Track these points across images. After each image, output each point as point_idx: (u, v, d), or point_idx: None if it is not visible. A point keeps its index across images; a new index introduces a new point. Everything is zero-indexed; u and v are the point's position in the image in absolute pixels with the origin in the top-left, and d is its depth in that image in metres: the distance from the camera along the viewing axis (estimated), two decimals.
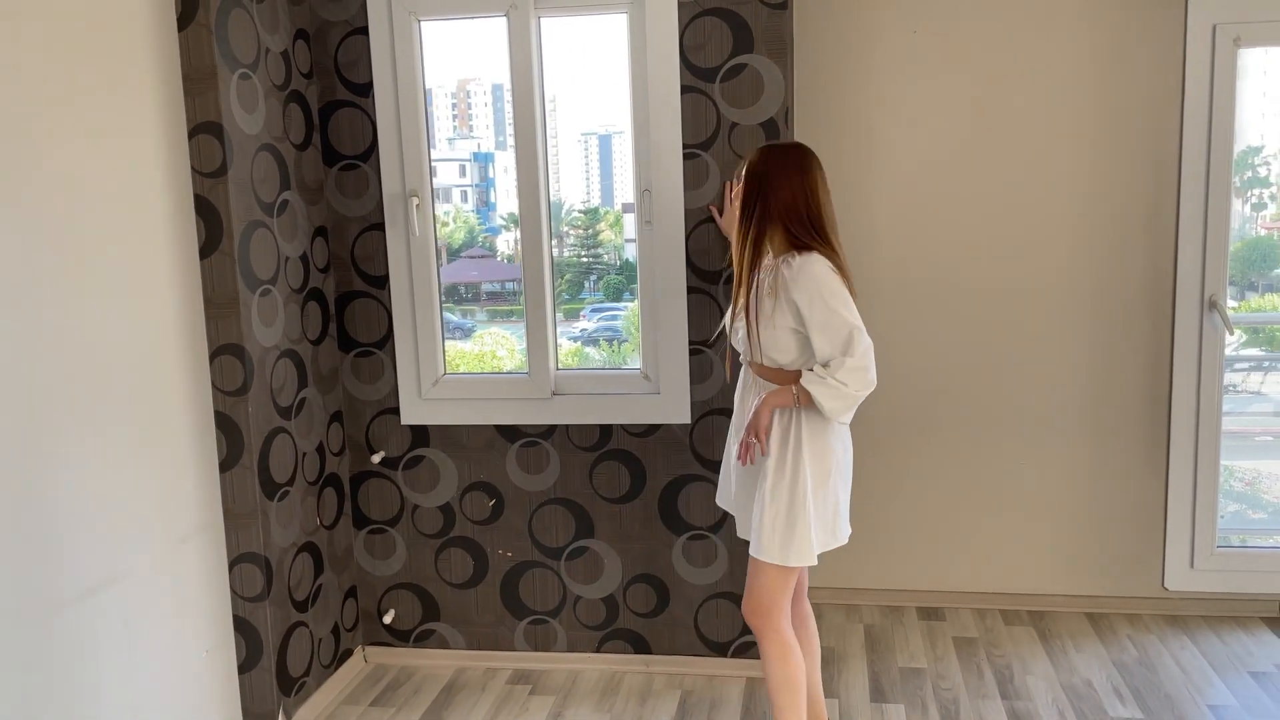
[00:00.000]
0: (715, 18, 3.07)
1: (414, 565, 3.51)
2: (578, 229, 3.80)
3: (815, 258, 2.43)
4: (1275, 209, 8.06)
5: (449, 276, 3.70)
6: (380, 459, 3.44)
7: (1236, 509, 5.50)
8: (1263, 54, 3.60)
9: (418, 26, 3.23)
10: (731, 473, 2.73)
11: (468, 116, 3.97)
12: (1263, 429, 7.00)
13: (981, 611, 3.82)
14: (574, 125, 3.67)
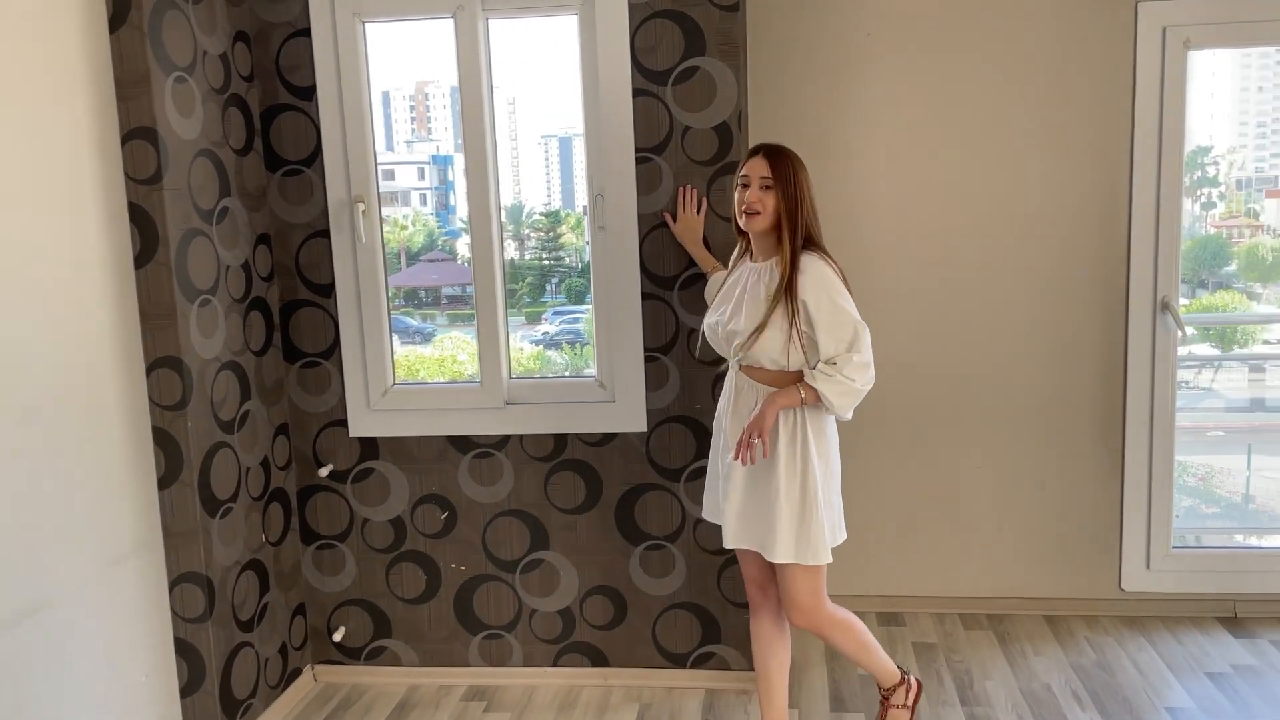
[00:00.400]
0: (667, 19, 3.02)
1: (364, 581, 3.42)
2: (539, 231, 3.77)
3: (818, 257, 2.49)
4: (1224, 208, 8.16)
5: (408, 280, 3.63)
6: (328, 472, 3.35)
7: (1190, 504, 5.54)
8: (1211, 56, 3.63)
9: (362, 28, 3.14)
10: (722, 483, 2.66)
11: (426, 119, 3.92)
12: (1215, 424, 7.08)
13: (941, 616, 3.80)
14: (534, 127, 3.66)
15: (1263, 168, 8.85)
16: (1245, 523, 6.98)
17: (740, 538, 2.64)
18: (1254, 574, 3.64)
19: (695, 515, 3.24)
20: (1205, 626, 3.62)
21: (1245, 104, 8.62)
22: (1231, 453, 7.16)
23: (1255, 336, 7.49)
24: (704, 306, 3.12)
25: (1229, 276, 7.84)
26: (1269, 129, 8.94)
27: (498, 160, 3.21)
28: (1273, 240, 7.90)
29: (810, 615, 2.63)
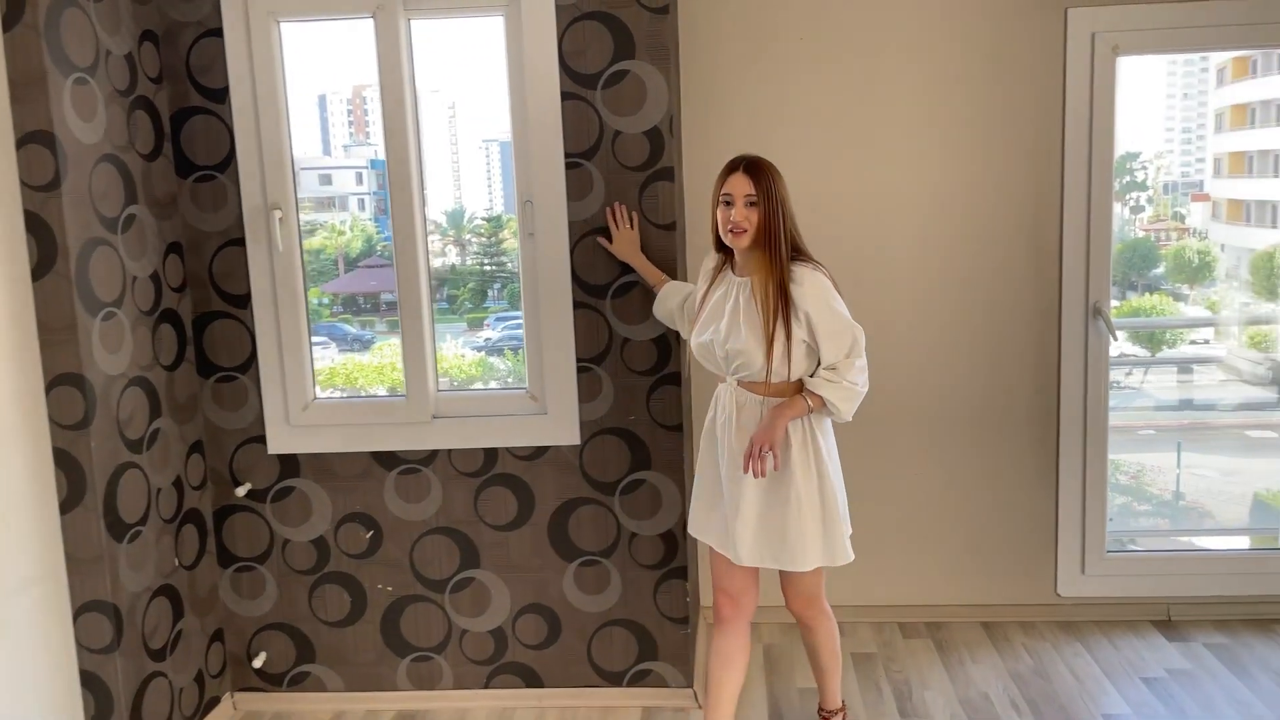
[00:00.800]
0: (595, 22, 2.94)
1: (286, 604, 3.28)
2: (480, 237, 3.70)
3: (810, 267, 2.51)
4: (1152, 212, 8.30)
5: (346, 287, 3.52)
6: (246, 491, 3.20)
7: (1123, 501, 5.60)
8: (1139, 62, 3.65)
9: (277, 28, 3.01)
10: (729, 501, 2.60)
11: (364, 123, 3.85)
12: (1145, 423, 7.20)
13: (879, 625, 3.77)
14: (475, 131, 3.60)
15: (1189, 172, 9.02)
16: (1177, 520, 7.10)
17: (757, 555, 2.58)
18: (1186, 576, 3.67)
19: (631, 529, 3.16)
20: (1140, 630, 3.63)
21: (1171, 110, 8.79)
22: (1162, 451, 7.30)
23: (1183, 337, 7.64)
24: (638, 315, 3.04)
25: (1157, 279, 7.98)
26: (1194, 135, 9.12)
27: (422, 165, 3.10)
28: (1199, 243, 8.05)
29: (817, 603, 2.75)
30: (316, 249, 3.72)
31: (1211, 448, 7.29)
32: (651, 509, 3.15)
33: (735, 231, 2.50)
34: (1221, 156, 8.66)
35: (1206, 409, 7.49)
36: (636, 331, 3.07)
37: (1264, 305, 7.27)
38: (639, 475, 3.13)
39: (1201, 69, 9.38)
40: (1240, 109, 7.65)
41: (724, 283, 2.63)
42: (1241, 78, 7.89)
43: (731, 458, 2.59)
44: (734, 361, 2.55)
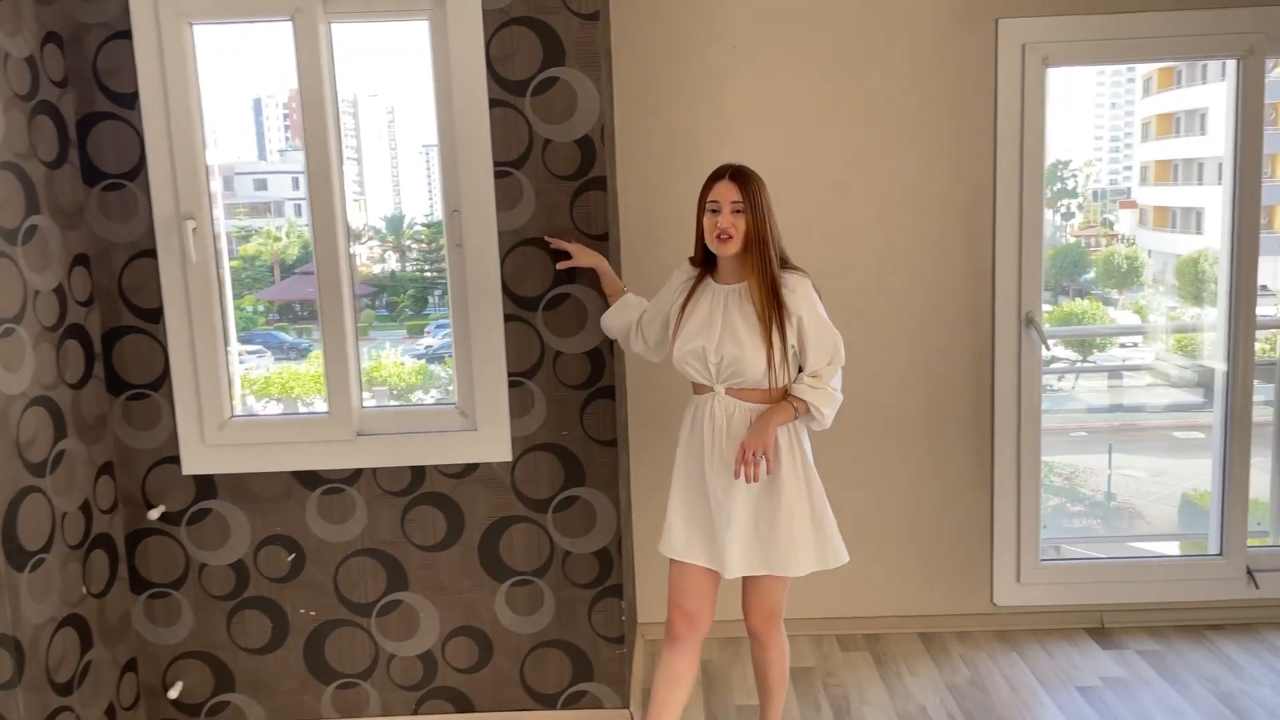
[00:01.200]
0: (523, 27, 2.86)
1: (203, 631, 3.13)
2: (420, 243, 3.64)
3: (799, 275, 2.57)
4: (1082, 218, 8.44)
5: (282, 294, 3.41)
6: (160, 514, 3.06)
7: (1057, 503, 5.65)
8: (1069, 73, 3.67)
9: (190, 30, 2.88)
10: (716, 514, 2.57)
11: (301, 127, 3.78)
12: (1077, 425, 7.32)
13: (818, 638, 3.73)
14: (415, 137, 3.54)
15: (1117, 180, 9.21)
16: (1109, 520, 7.21)
17: (746, 564, 2.57)
18: (1119, 584, 3.69)
19: (565, 548, 3.07)
20: (1074, 638, 3.65)
21: (1100, 119, 8.96)
22: (1094, 452, 7.43)
23: (1112, 341, 7.79)
24: (571, 328, 2.97)
25: (1087, 284, 8.10)
26: (1121, 143, 9.32)
27: (343, 171, 2.99)
28: (1127, 249, 8.20)
29: (776, 619, 2.74)
30: (252, 255, 3.63)
31: (1141, 449, 7.46)
32: (586, 526, 3.07)
33: (722, 238, 2.51)
34: (1148, 165, 8.85)
35: (1135, 411, 7.65)
36: (569, 344, 3.00)
37: (1189, 309, 7.43)
38: (573, 492, 3.05)
39: (1129, 79, 9.59)
40: (1166, 118, 7.82)
41: (708, 291, 2.62)
42: (1167, 88, 8.06)
43: (724, 468, 2.56)
44: (728, 369, 2.53)
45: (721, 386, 2.58)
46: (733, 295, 2.57)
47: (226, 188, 3.79)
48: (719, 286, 2.61)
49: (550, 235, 2.92)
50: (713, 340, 2.55)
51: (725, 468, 2.55)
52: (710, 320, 2.58)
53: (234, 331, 3.70)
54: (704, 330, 2.57)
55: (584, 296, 2.97)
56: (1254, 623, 3.67)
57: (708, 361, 2.56)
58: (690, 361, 2.60)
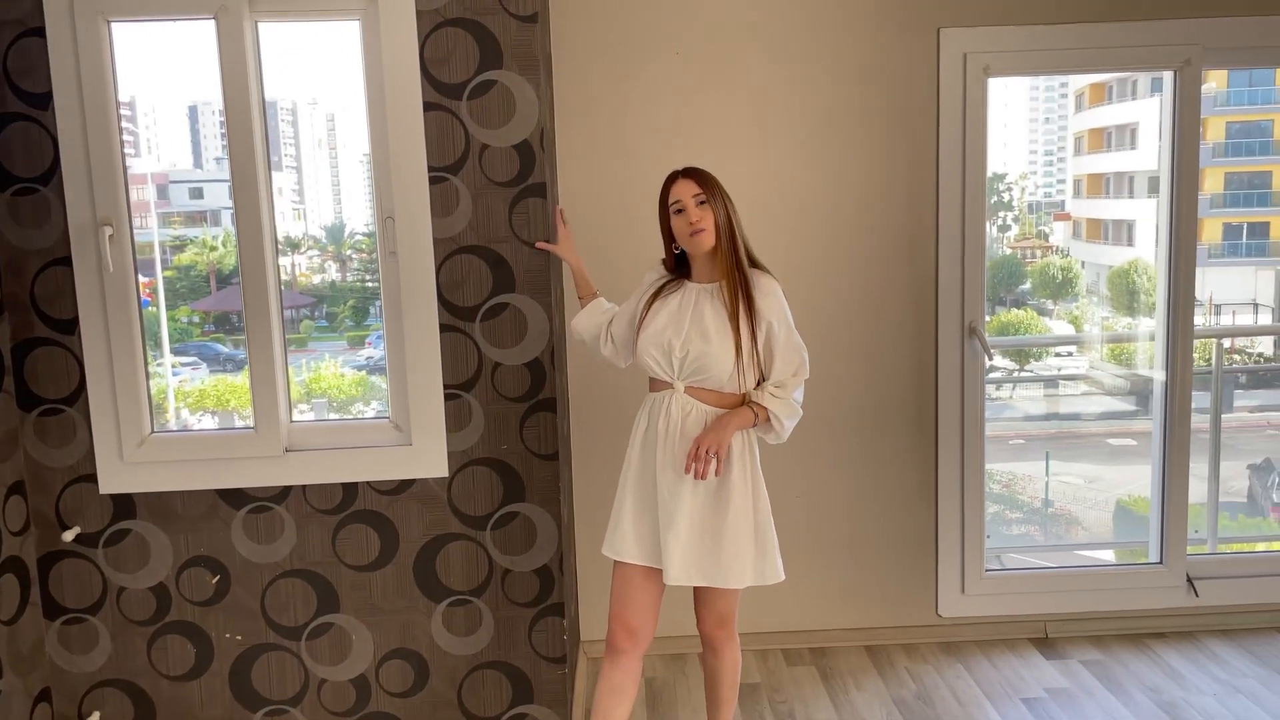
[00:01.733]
0: (459, 29, 2.78)
1: (122, 658, 2.98)
2: (361, 253, 3.57)
3: (770, 277, 2.54)
4: (1018, 230, 8.56)
5: (218, 305, 3.31)
6: (75, 536, 2.90)
7: (996, 510, 5.68)
8: (1004, 87, 3.68)
9: (108, 28, 2.75)
10: (662, 515, 2.50)
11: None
12: (1015, 433, 7.41)
13: (764, 652, 3.68)
14: (355, 145, 3.50)
15: (1051, 193, 9.37)
16: (1046, 527, 7.29)
17: (687, 573, 2.51)
18: (1062, 593, 3.69)
19: (504, 566, 2.98)
20: (1019, 649, 3.64)
21: (1035, 133, 9.10)
22: (1031, 459, 7.53)
23: (1048, 350, 7.89)
24: (510, 338, 2.88)
25: (1023, 294, 8.21)
26: (1055, 157, 9.48)
27: (271, 178, 2.87)
28: (1061, 260, 8.33)
29: (729, 625, 2.69)
30: (187, 265, 3.52)
31: (1077, 456, 7.58)
32: (526, 543, 2.98)
33: (695, 232, 2.49)
34: (1081, 178, 9.03)
35: (1071, 419, 7.77)
36: (508, 355, 2.91)
37: (1122, 319, 7.55)
38: (512, 508, 2.96)
39: (1061, 94, 9.78)
40: (1097, 133, 7.98)
41: (680, 290, 2.59)
42: (1098, 103, 8.22)
43: (673, 466, 2.50)
44: (692, 365, 2.49)
45: (682, 384, 2.54)
46: (705, 293, 2.55)
47: (161, 196, 3.68)
48: (693, 285, 2.59)
49: (541, 243, 2.86)
50: (680, 334, 2.51)
51: (675, 466, 2.50)
52: (680, 315, 2.54)
53: (167, 343, 3.57)
54: (672, 324, 2.54)
55: (523, 306, 2.89)
56: (1194, 630, 3.69)
57: (672, 356, 2.52)
58: (653, 354, 2.55)
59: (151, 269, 3.58)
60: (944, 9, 3.42)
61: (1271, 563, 3.76)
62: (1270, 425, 7.98)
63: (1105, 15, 3.41)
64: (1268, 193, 9.54)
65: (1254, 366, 7.69)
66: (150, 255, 4.60)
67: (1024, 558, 4.56)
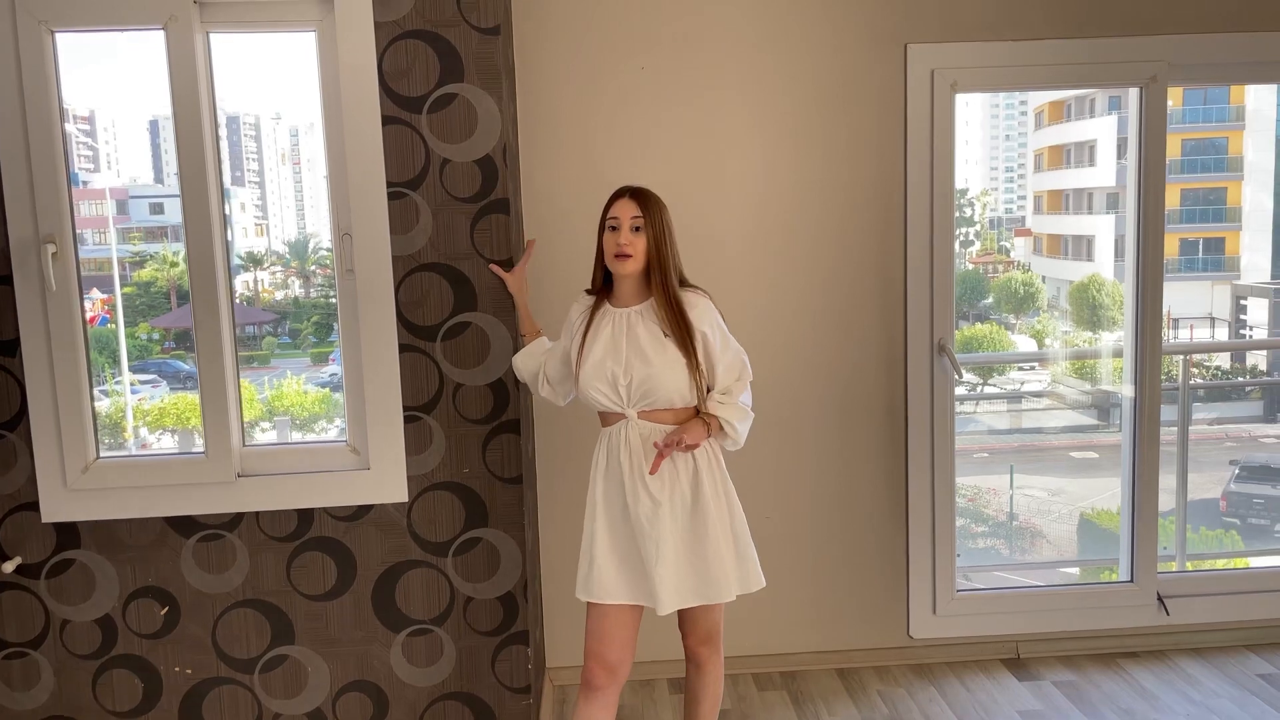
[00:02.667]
0: (419, 41, 2.70)
1: (66, 694, 2.85)
2: (325, 268, 3.52)
3: (698, 293, 2.53)
4: (980, 245, 8.57)
5: (179, 321, 3.23)
6: (15, 567, 2.77)
7: (961, 523, 5.67)
8: (965, 102, 3.66)
9: (51, 39, 2.65)
10: (646, 546, 2.44)
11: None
12: (980, 446, 7.42)
13: (734, 677, 3.60)
14: (320, 159, 3.36)
15: (1012, 209, 9.41)
16: (1012, 540, 7.28)
17: (680, 597, 2.47)
18: (1033, 613, 3.65)
19: (466, 593, 2.89)
20: (991, 670, 3.59)
21: (995, 150, 9.14)
22: (995, 473, 7.54)
23: (1010, 364, 7.92)
24: (472, 358, 2.80)
25: (987, 309, 8.23)
26: (1015, 174, 9.53)
27: (223, 195, 2.77)
28: (1023, 275, 8.37)
29: (714, 640, 2.65)
30: (147, 281, 3.43)
31: (1040, 469, 7.61)
32: (489, 570, 2.89)
33: (621, 256, 2.46)
34: (1041, 194, 9.08)
35: (1034, 432, 7.79)
36: (470, 376, 2.82)
37: (1083, 333, 7.59)
38: (474, 533, 2.87)
39: (1021, 112, 9.83)
40: (1057, 150, 8.04)
41: (607, 317, 2.53)
42: (1057, 121, 8.29)
43: (647, 493, 2.44)
44: (639, 389, 2.45)
45: (634, 410, 2.48)
46: (634, 316, 2.50)
47: (121, 211, 3.58)
48: (618, 310, 2.53)
49: (494, 265, 2.79)
50: (620, 363, 2.46)
51: (649, 496, 2.44)
52: (615, 344, 2.48)
53: (125, 360, 3.46)
54: (610, 354, 2.48)
55: (485, 325, 2.81)
56: (1166, 649, 3.67)
57: (618, 385, 2.46)
58: (598, 388, 2.48)
59: (110, 285, 3.47)
60: (911, 25, 3.39)
61: (1242, 580, 3.75)
62: (1229, 437, 8.07)
63: (1072, 32, 3.40)
64: (1223, 208, 9.67)
65: (1215, 383, 7.76)
66: (109, 271, 4.47)
67: (1003, 574, 4.53)
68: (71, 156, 5.01)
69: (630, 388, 2.46)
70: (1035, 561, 6.14)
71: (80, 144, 5.00)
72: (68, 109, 5.20)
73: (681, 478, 2.46)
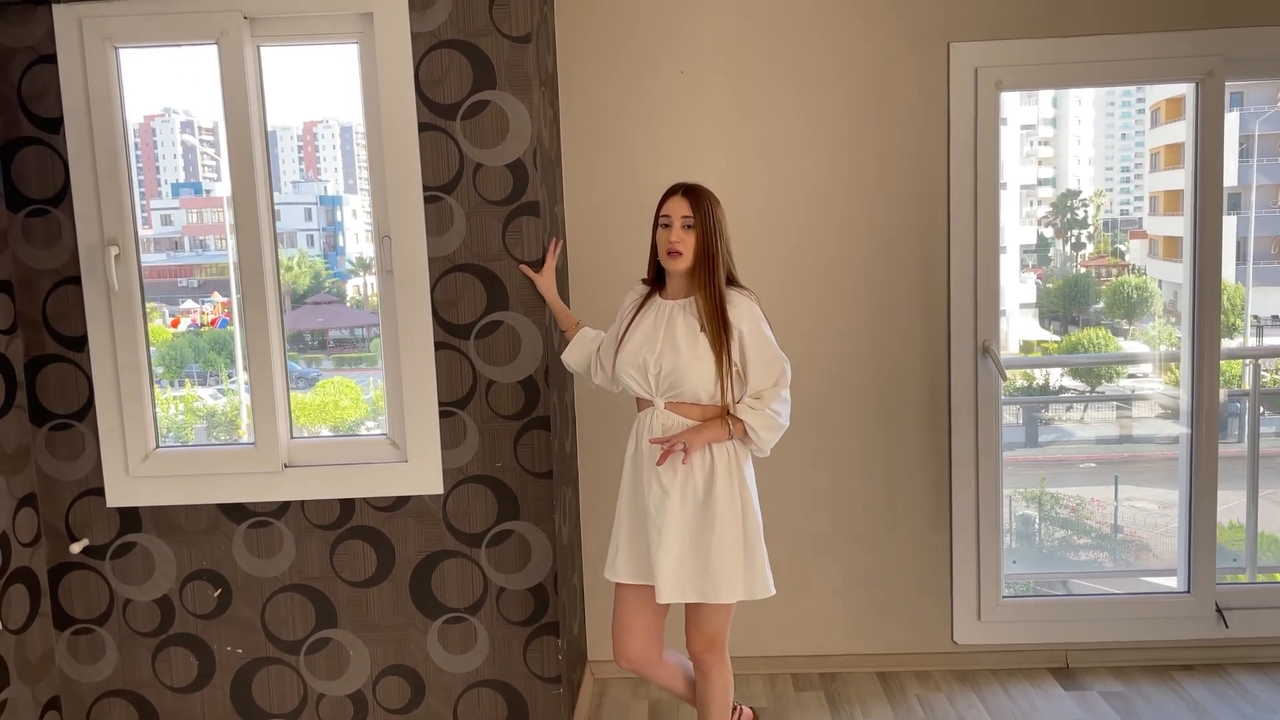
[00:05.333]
0: (453, 50, 2.81)
1: (128, 669, 3.04)
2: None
3: (744, 294, 2.55)
4: (1093, 248, 8.28)
5: (292, 324, 3.42)
6: (83, 548, 2.98)
7: (1063, 535, 5.52)
8: (1078, 100, 3.60)
9: (115, 54, 2.84)
10: (653, 533, 2.52)
11: (315, 159, 3.78)
12: (1085, 456, 7.16)
13: (773, 677, 3.61)
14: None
15: (1128, 210, 9.09)
16: (1115, 552, 7.02)
17: (679, 590, 2.52)
18: (1084, 622, 3.57)
19: (499, 584, 2.98)
20: (1036, 678, 3.52)
21: (1110, 149, 8.86)
22: (1099, 484, 7.27)
23: (1120, 372, 7.64)
24: (504, 356, 2.89)
25: (1099, 314, 7.96)
26: (1132, 173, 9.21)
27: (272, 201, 2.92)
28: (1136, 278, 8.08)
29: (718, 647, 2.66)
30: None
31: (1150, 480, 7.30)
32: (520, 562, 2.97)
33: (672, 253, 2.51)
34: (1158, 195, 8.75)
35: (1145, 442, 7.49)
36: (502, 373, 2.92)
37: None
38: (506, 526, 2.96)
39: (1139, 110, 9.50)
40: (1174, 148, 7.75)
41: (654, 307, 2.61)
42: (1175, 119, 8.00)
43: (660, 483, 2.51)
44: (667, 380, 2.50)
45: (661, 400, 2.55)
46: (677, 309, 2.56)
47: None
48: (665, 301, 2.60)
49: (524, 266, 2.88)
50: (654, 351, 2.53)
51: (659, 484, 2.51)
52: (653, 333, 2.56)
53: (241, 361, 3.64)
54: (646, 343, 2.55)
55: (517, 324, 2.90)
56: (1223, 663, 3.54)
57: (648, 373, 2.54)
58: (630, 373, 2.56)
59: (228, 289, 3.67)
60: (954, 23, 3.36)
61: None
62: None
63: (1120, 27, 3.32)
64: None
65: None
66: (228, 276, 4.71)
67: (1089, 584, 4.38)
68: (197, 166, 5.30)
69: (659, 377, 2.53)
70: (1135, 569, 5.88)
71: (204, 154, 5.21)
72: (193, 121, 5.44)
73: (696, 473, 2.51)
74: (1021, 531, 6.67)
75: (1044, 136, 9.67)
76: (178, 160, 4.96)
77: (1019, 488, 6.79)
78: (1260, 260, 9.91)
